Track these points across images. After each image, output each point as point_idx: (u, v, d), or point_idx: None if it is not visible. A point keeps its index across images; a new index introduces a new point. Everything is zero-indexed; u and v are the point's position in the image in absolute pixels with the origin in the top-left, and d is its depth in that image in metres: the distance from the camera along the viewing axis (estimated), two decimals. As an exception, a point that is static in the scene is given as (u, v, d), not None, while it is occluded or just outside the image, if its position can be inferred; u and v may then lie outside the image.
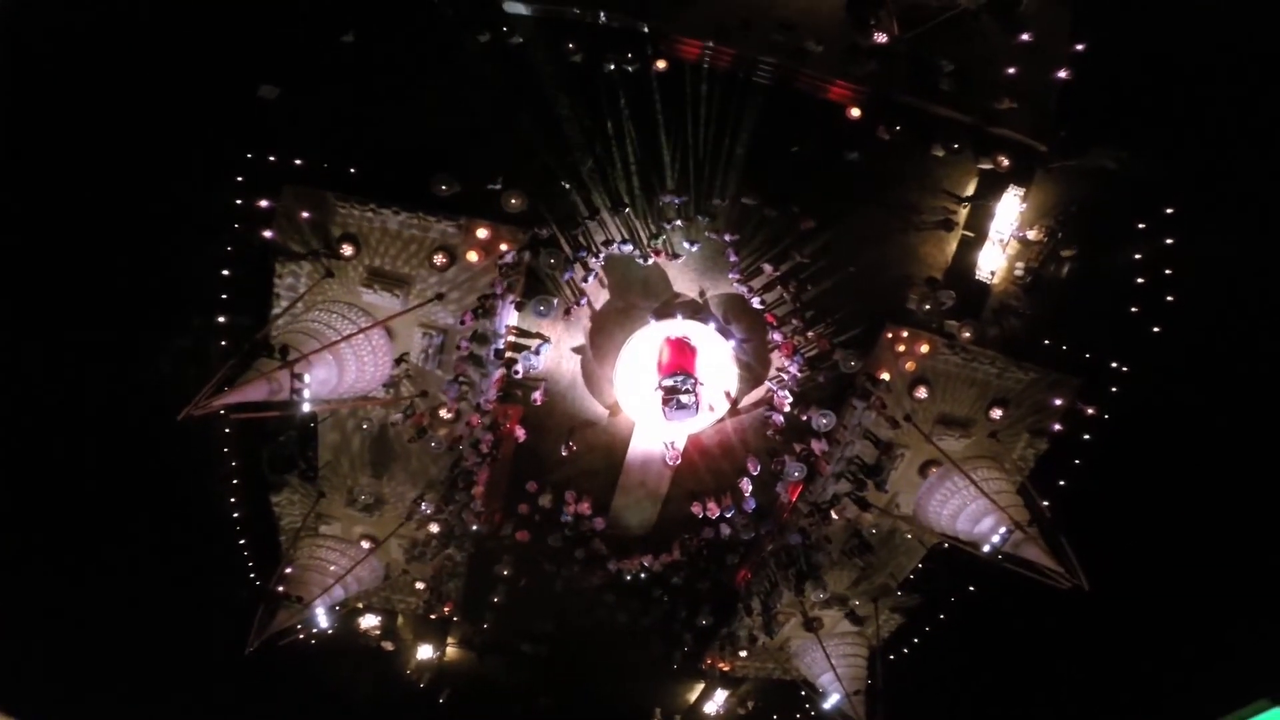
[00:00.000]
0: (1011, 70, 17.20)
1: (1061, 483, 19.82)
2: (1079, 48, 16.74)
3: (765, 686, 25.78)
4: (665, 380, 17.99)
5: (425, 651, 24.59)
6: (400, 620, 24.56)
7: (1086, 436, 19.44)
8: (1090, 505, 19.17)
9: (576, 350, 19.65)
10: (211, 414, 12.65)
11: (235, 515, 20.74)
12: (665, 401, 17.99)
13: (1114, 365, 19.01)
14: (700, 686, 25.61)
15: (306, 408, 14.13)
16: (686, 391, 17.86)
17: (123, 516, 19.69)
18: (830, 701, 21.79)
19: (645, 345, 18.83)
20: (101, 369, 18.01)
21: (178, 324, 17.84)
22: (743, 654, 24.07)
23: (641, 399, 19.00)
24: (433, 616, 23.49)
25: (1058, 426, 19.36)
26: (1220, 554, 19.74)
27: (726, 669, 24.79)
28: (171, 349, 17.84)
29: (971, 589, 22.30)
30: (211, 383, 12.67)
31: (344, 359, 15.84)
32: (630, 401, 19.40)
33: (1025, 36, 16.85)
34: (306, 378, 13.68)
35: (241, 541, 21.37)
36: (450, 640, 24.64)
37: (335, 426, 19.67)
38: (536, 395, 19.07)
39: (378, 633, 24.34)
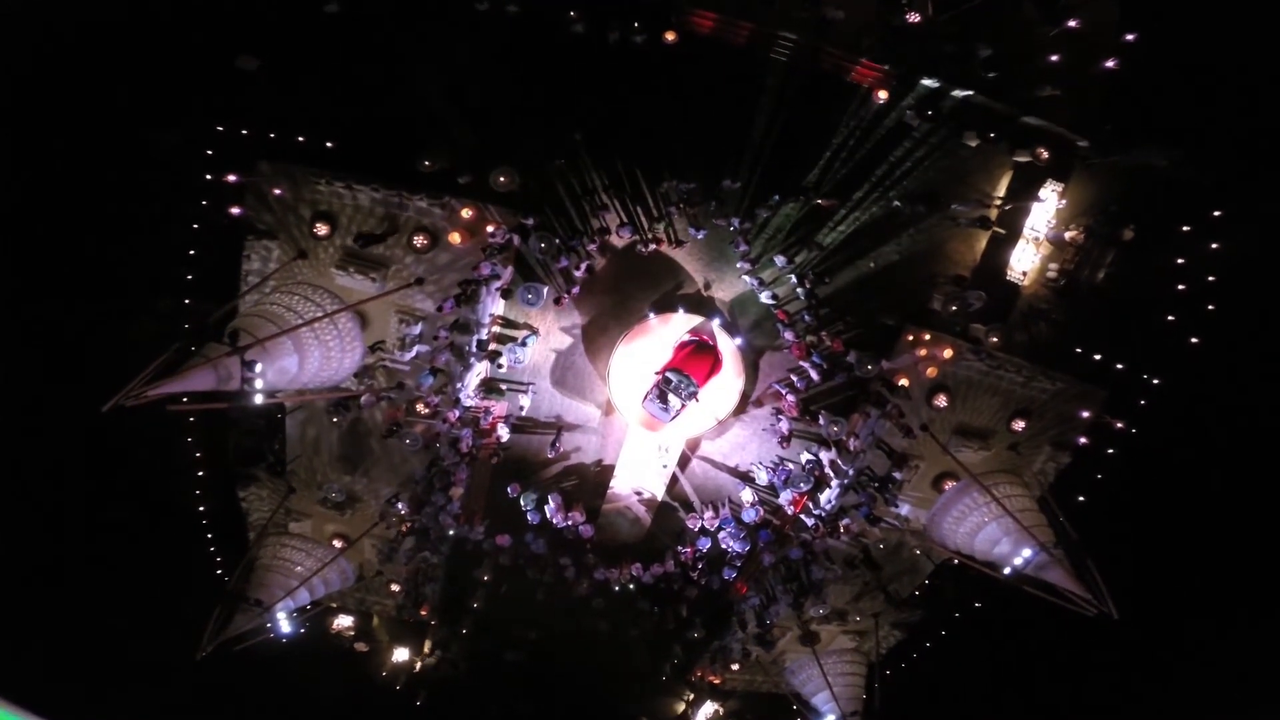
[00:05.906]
0: (1055, 58, 15.87)
1: (1081, 498, 18.70)
2: (1129, 38, 15.32)
3: (755, 700, 24.69)
4: (669, 373, 16.54)
5: (401, 654, 23.43)
6: (375, 622, 23.42)
7: (1111, 451, 18.32)
8: (1110, 521, 18.13)
9: (566, 330, 18.22)
10: (147, 405, 11.20)
11: (200, 509, 19.53)
12: (655, 390, 16.62)
13: (1145, 377, 17.86)
14: (689, 697, 24.50)
15: (259, 399, 12.69)
16: (678, 395, 16.45)
17: (77, 505, 18.53)
18: (825, 722, 20.85)
19: (643, 341, 17.39)
20: (59, 348, 16.86)
21: (141, 305, 16.81)
22: (735, 667, 23.05)
23: (637, 399, 17.47)
24: (408, 620, 22.31)
25: (1082, 440, 18.17)
26: (1223, 570, 19.31)
27: (717, 682, 23.75)
28: (134, 330, 16.57)
29: (978, 606, 21.31)
30: (148, 370, 11.27)
31: (306, 346, 14.40)
32: (625, 402, 17.98)
33: (1072, 23, 15.46)
34: (259, 366, 12.22)
35: (209, 536, 20.18)
36: (427, 644, 23.46)
37: (306, 417, 18.27)
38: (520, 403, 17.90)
39: (351, 634, 23.21)
